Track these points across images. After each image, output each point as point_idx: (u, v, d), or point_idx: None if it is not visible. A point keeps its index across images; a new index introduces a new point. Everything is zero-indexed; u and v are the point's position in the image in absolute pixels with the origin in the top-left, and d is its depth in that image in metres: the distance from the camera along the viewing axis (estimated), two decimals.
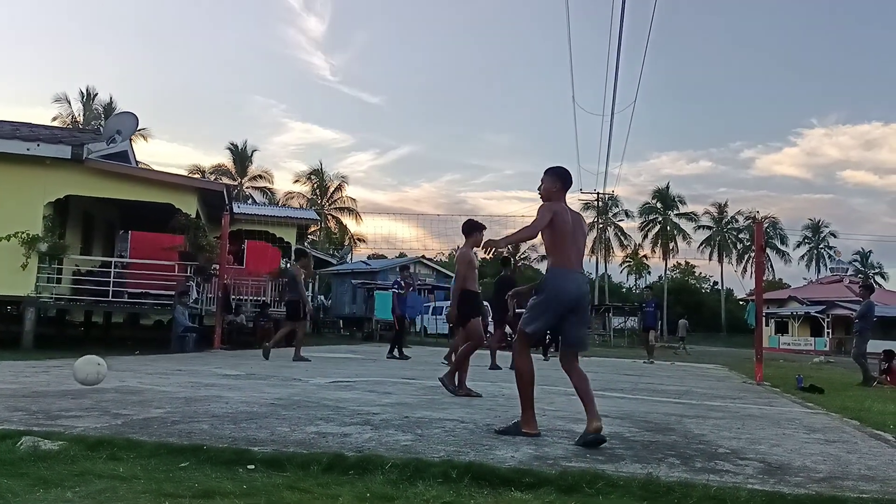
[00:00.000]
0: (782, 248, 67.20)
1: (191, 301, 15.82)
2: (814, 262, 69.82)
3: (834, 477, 3.88)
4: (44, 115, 62.30)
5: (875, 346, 13.76)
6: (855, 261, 69.48)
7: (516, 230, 5.20)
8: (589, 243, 63.96)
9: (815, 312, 47.49)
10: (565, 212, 4.87)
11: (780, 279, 71.13)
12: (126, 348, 13.73)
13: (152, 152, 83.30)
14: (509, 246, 62.52)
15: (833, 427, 6.26)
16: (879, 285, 58.32)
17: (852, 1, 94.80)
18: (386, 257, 50.83)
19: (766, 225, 60.65)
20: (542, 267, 67.90)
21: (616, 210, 65.85)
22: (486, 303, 12.83)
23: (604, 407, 6.91)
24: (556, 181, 5.02)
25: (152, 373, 8.74)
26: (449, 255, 65.30)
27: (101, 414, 4.96)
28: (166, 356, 12.39)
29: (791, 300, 54.17)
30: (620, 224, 66.61)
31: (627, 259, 70.64)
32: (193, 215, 16.10)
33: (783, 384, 11.43)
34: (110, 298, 15.64)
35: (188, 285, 15.73)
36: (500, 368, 11.76)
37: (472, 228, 7.96)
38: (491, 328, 13.54)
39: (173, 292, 15.20)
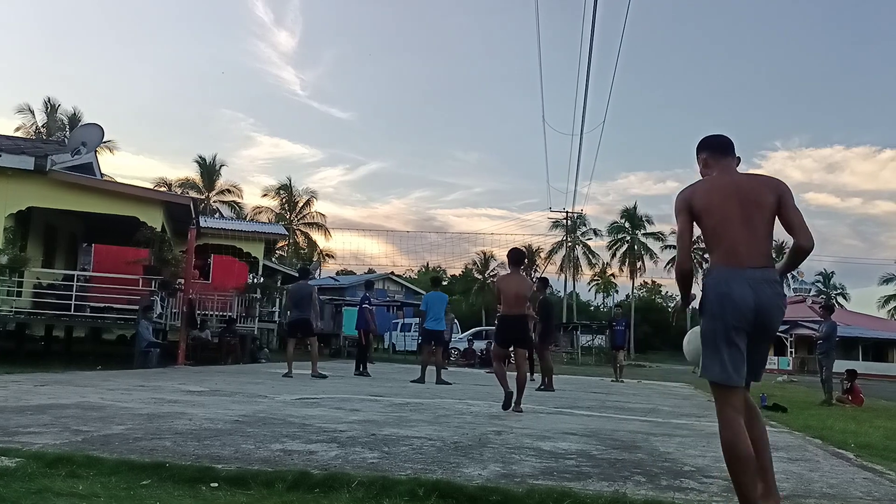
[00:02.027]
0: None
1: (155, 316, 15.58)
2: None
3: (797, 495, 3.93)
4: (6, 125, 61.21)
5: (836, 365, 13.99)
6: (818, 281, 70.73)
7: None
8: (557, 261, 64.71)
9: (779, 332, 48.19)
10: (713, 186, 3.46)
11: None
12: (88, 363, 13.46)
13: (118, 165, 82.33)
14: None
15: (796, 445, 6.34)
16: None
17: (815, 27, 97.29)
18: (355, 273, 50.69)
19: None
20: None
21: (584, 229, 66.39)
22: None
23: (571, 424, 6.95)
24: (702, 152, 3.71)
25: (114, 388, 8.57)
26: (418, 271, 65.31)
27: (61, 430, 4.85)
28: (129, 372, 12.17)
29: None
30: (589, 243, 67.18)
31: (595, 278, 71.17)
32: (159, 229, 15.89)
33: None
34: (72, 312, 15.33)
35: (152, 300, 15.49)
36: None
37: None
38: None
39: (137, 307, 14.95)
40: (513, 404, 7.99)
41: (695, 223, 3.46)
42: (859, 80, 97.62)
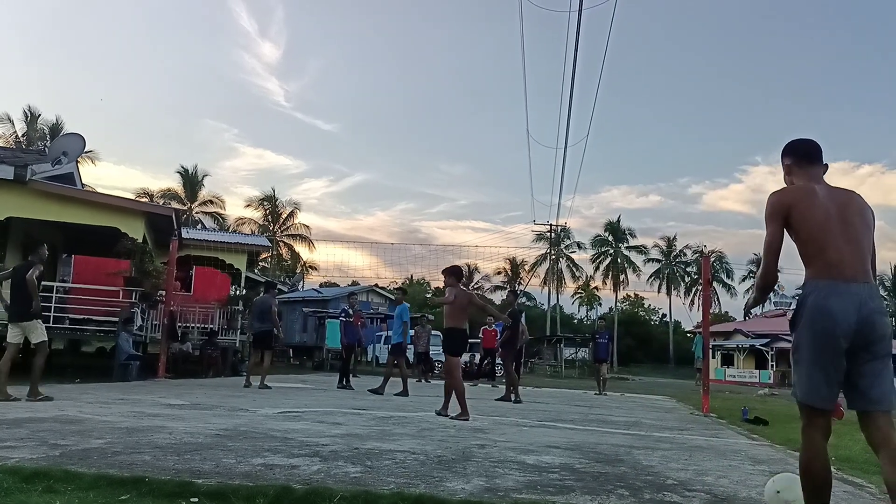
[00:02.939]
0: (728, 281, 68.65)
1: (135, 328, 15.44)
2: None
3: None
4: None
5: None
6: (798, 295, 71.28)
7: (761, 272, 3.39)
8: (541, 274, 64.94)
9: (760, 345, 48.54)
10: (810, 194, 3.22)
11: (727, 312, 72.62)
12: (66, 376, 13.29)
13: (99, 175, 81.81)
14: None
15: (777, 459, 6.37)
16: None
17: (796, 44, 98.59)
18: (338, 285, 50.54)
19: (712, 259, 62.07)
20: (496, 297, 68.29)
21: (568, 242, 66.68)
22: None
23: (554, 438, 6.94)
24: (786, 157, 3.45)
25: (93, 402, 8.47)
26: (402, 283, 65.17)
27: (38, 444, 4.78)
28: (108, 384, 12.04)
29: (736, 333, 55.28)
30: (572, 256, 67.47)
31: (579, 290, 71.39)
32: (140, 240, 15.78)
33: (729, 416, 11.61)
34: (51, 324, 15.14)
35: (133, 312, 15.36)
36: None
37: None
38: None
39: (117, 319, 14.82)
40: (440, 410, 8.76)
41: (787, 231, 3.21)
42: (838, 95, 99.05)
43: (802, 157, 3.39)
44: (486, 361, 21.76)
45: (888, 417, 3.00)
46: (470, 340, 36.63)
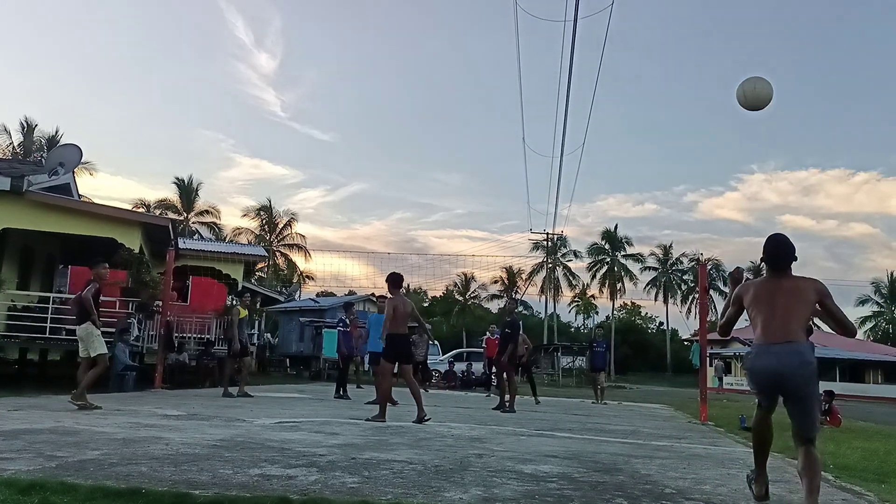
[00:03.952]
0: (725, 289, 68.62)
1: (132, 338, 15.40)
2: None
3: None
4: None
5: None
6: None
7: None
8: (538, 282, 64.91)
9: None
10: (758, 285, 4.37)
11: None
12: (62, 387, 13.23)
13: (96, 186, 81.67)
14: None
15: (775, 467, 6.35)
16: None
17: (790, 52, 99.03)
18: (335, 295, 50.47)
19: (709, 267, 62.13)
20: (492, 306, 68.35)
21: (565, 250, 66.72)
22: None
23: (552, 447, 6.93)
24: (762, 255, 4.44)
25: (89, 413, 8.44)
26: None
27: (35, 456, 4.76)
28: (105, 395, 11.99)
29: (734, 341, 55.28)
30: (569, 264, 67.48)
31: (576, 299, 71.39)
32: (137, 250, 15.75)
33: (727, 424, 11.60)
34: (47, 335, 15.12)
35: (129, 322, 15.32)
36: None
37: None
38: None
39: (114, 329, 14.77)
40: (417, 418, 8.89)
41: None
42: (833, 104, 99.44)
43: (767, 257, 4.42)
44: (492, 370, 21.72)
45: (804, 442, 4.08)
46: (467, 350, 36.50)
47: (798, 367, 4.00)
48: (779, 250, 4.37)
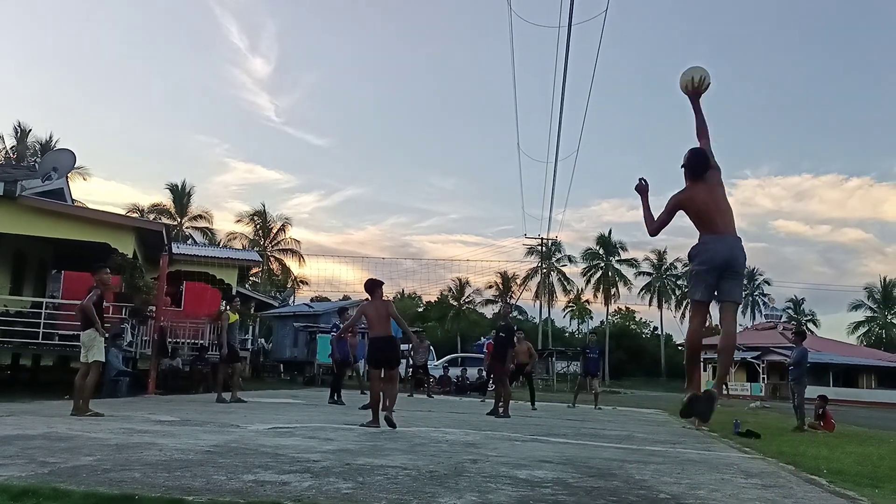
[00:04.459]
0: None
1: (125, 344, 15.35)
2: (749, 308, 71.75)
3: None
4: None
5: (808, 391, 14.10)
6: (788, 308, 71.68)
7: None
8: (532, 287, 64.95)
9: (751, 358, 48.65)
10: (692, 192, 5.26)
11: (717, 325, 72.75)
12: (55, 392, 13.19)
13: (89, 190, 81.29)
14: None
15: (769, 472, 6.37)
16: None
17: (783, 58, 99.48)
18: (329, 300, 50.37)
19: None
20: (487, 311, 68.33)
21: (559, 255, 66.80)
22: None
23: (547, 452, 6.93)
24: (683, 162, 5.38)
25: (82, 418, 8.40)
26: (393, 298, 65.05)
27: (27, 462, 4.74)
28: (98, 401, 11.93)
29: None
30: (563, 269, 67.58)
31: (570, 304, 71.47)
32: (130, 255, 15.71)
33: (721, 429, 11.61)
34: (40, 340, 15.06)
35: (122, 327, 15.27)
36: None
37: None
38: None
39: (107, 334, 14.72)
40: (381, 418, 8.76)
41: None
42: (826, 109, 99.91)
43: (685, 166, 5.36)
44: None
45: (735, 307, 5.12)
46: (461, 355, 36.44)
47: (741, 251, 5.14)
48: (699, 159, 5.33)
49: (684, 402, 5.02)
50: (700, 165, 5.27)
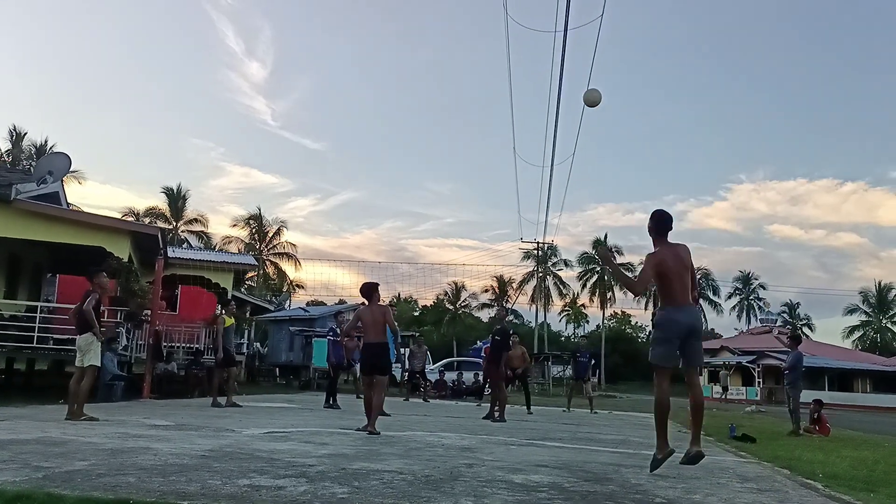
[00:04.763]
0: (714, 298, 69.07)
1: (120, 348, 15.31)
2: (744, 312, 71.90)
3: None
4: None
5: (803, 395, 14.11)
6: (783, 312, 71.81)
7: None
8: (528, 291, 65.00)
9: (747, 362, 48.69)
10: (665, 255, 5.82)
11: (713, 329, 72.95)
12: (50, 397, 13.14)
13: (85, 194, 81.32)
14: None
15: (765, 476, 6.38)
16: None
17: (779, 63, 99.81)
18: (325, 304, 50.36)
19: (699, 276, 62.31)
20: (483, 315, 68.30)
21: (555, 259, 66.79)
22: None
23: (543, 457, 6.93)
24: (650, 224, 6.04)
25: (77, 423, 8.38)
26: (389, 302, 64.99)
27: (21, 467, 4.72)
28: (92, 405, 11.90)
29: (723, 350, 55.47)
30: (559, 273, 67.54)
31: (566, 308, 71.45)
32: (126, 259, 15.68)
33: (717, 433, 11.61)
34: (34, 344, 15.02)
35: (118, 331, 15.24)
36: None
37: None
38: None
39: (103, 339, 14.69)
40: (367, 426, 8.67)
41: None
42: (821, 114, 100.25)
43: (655, 225, 6.03)
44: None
45: (697, 369, 6.04)
46: (457, 359, 36.36)
47: (699, 320, 6.00)
48: (664, 221, 5.98)
49: (655, 460, 5.93)
50: (666, 226, 5.96)
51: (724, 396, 41.63)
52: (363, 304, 9.54)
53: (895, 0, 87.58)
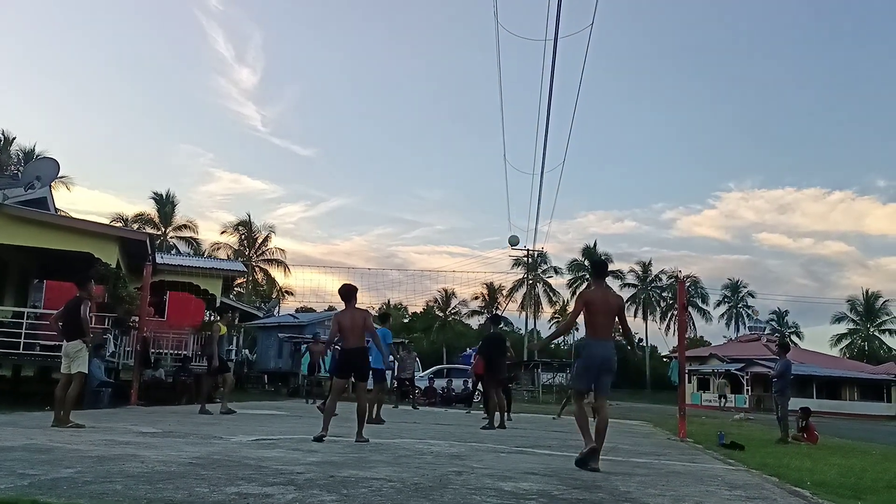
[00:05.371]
0: (703, 306, 69.39)
1: (107, 354, 15.20)
2: (733, 320, 72.19)
3: None
4: None
5: (791, 403, 14.18)
6: (772, 320, 72.12)
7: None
8: (518, 298, 65.10)
9: (735, 370, 48.84)
10: (594, 296, 7.02)
11: (702, 337, 73.26)
12: (36, 404, 13.03)
13: (74, 200, 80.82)
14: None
15: (753, 484, 6.39)
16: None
17: (768, 72, 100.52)
18: (314, 310, 50.17)
19: (687, 284, 62.62)
20: (473, 322, 68.28)
21: (545, 267, 66.93)
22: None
23: (532, 464, 6.92)
24: (590, 270, 7.78)
25: (63, 430, 8.31)
26: (379, 308, 64.90)
27: (6, 474, 4.67)
28: (79, 412, 11.80)
29: (712, 357, 55.65)
30: (549, 280, 67.67)
31: (556, 315, 71.50)
32: (114, 265, 15.59)
33: (705, 441, 11.64)
34: (21, 351, 14.89)
35: (105, 338, 15.13)
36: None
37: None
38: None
39: (90, 345, 14.59)
40: (356, 434, 8.51)
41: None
42: (809, 124, 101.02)
43: (593, 273, 7.64)
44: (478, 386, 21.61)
45: (606, 397, 7.13)
46: (447, 366, 36.26)
47: (613, 355, 6.93)
48: (600, 268, 7.61)
49: (582, 456, 6.74)
50: (601, 272, 7.48)
51: (722, 405, 42.17)
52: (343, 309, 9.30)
53: (882, 11, 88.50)
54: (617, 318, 7.09)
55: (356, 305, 9.12)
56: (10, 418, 9.77)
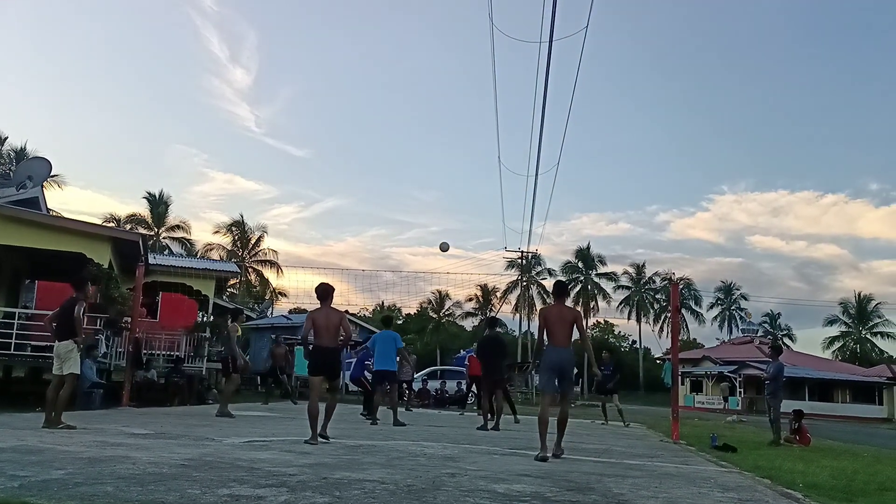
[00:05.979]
0: (696, 308, 69.45)
1: (99, 355, 15.15)
2: (726, 322, 72.37)
3: None
4: None
5: (784, 406, 14.21)
6: (764, 322, 72.35)
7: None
8: (512, 300, 65.23)
9: (728, 372, 48.99)
10: (550, 311, 8.08)
11: (695, 339, 73.39)
12: (27, 404, 12.97)
13: (66, 200, 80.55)
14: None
15: (746, 486, 6.40)
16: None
17: (760, 76, 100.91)
18: (307, 311, 50.08)
19: (681, 286, 62.78)
20: (466, 324, 68.32)
21: (539, 269, 66.93)
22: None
23: (525, 466, 6.91)
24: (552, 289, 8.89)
25: (54, 431, 8.27)
26: (373, 310, 64.91)
27: None
28: (70, 413, 11.75)
29: (705, 360, 55.79)
30: (543, 282, 67.65)
31: None
32: (106, 265, 15.54)
33: (698, 443, 11.66)
34: (12, 351, 14.83)
35: (97, 338, 15.08)
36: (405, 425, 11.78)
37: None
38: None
39: (82, 346, 14.53)
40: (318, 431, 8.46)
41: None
42: (802, 127, 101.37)
43: (554, 293, 8.54)
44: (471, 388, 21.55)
45: (567, 397, 8.24)
46: (441, 368, 36.20)
47: (568, 361, 7.88)
48: (562, 289, 8.52)
49: (539, 458, 7.38)
50: (560, 291, 8.42)
51: (725, 406, 42.26)
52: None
53: (876, 13, 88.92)
54: (575, 329, 7.87)
55: (331, 305, 9.04)
56: (1, 419, 9.72)
